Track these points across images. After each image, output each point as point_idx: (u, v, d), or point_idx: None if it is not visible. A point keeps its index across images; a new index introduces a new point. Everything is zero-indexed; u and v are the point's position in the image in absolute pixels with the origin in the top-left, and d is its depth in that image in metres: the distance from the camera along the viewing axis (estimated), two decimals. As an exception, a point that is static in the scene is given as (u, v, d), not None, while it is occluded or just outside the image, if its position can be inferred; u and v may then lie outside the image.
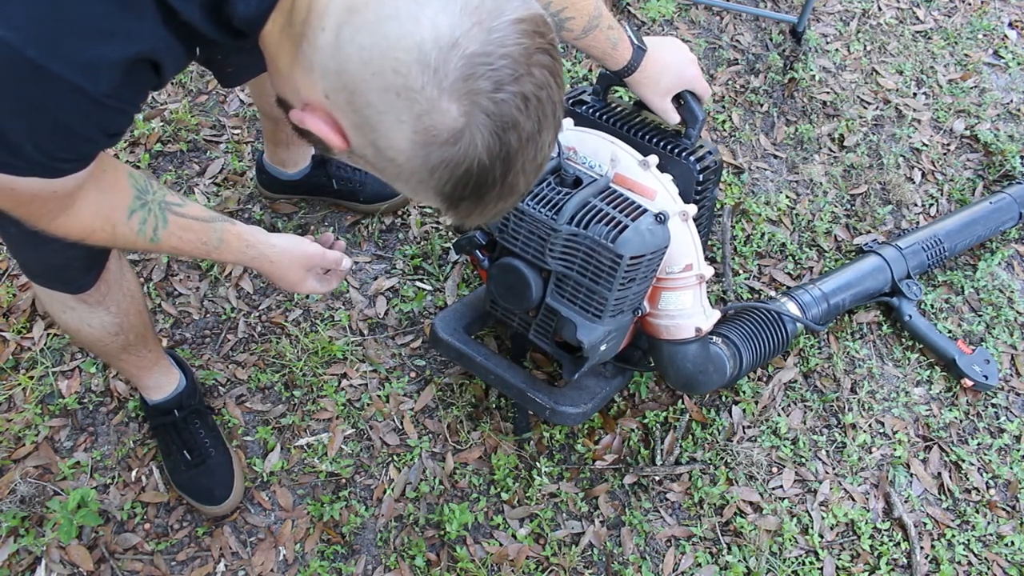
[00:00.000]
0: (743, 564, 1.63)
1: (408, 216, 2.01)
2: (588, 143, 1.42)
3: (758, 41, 2.41)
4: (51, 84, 0.73)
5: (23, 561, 1.57)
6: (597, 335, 1.39)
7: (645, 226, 1.30)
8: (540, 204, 1.34)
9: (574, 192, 1.34)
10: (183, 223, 1.08)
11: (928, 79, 2.40)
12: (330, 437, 1.72)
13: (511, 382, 1.58)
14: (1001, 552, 1.69)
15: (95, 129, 0.81)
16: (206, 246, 1.12)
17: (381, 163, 0.77)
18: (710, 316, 1.49)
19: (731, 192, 2.11)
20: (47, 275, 1.26)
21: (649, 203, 1.35)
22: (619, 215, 1.30)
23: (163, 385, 1.61)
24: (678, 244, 1.38)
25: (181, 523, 1.63)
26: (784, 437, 1.78)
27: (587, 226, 1.30)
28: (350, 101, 0.73)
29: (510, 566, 1.60)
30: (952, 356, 1.86)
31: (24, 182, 0.82)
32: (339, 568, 1.59)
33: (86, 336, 1.38)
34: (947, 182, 2.20)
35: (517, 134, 0.73)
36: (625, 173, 1.38)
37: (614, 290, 1.32)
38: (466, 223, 0.83)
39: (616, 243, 1.28)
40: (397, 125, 0.71)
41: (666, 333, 1.49)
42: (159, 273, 1.89)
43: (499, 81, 0.70)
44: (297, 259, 1.25)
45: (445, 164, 0.73)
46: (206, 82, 2.20)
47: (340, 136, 0.76)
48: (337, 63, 0.72)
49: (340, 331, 1.85)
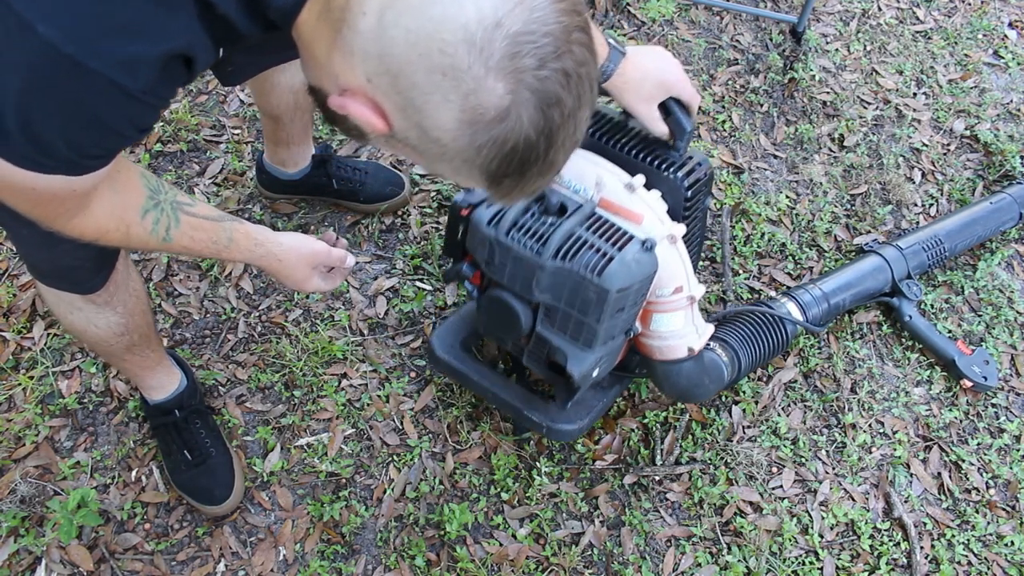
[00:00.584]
0: (743, 564, 1.63)
1: (408, 216, 2.01)
2: (572, 166, 1.35)
3: (758, 41, 2.41)
4: (89, 80, 0.73)
5: (23, 561, 1.57)
6: (588, 364, 1.39)
7: (631, 256, 1.27)
8: (525, 235, 1.30)
9: (559, 222, 1.30)
10: (194, 223, 1.09)
11: (928, 79, 2.40)
12: (330, 437, 1.72)
13: (508, 401, 1.59)
14: (1001, 552, 1.69)
15: (128, 124, 0.82)
16: (216, 245, 1.13)
17: (425, 144, 0.77)
18: (703, 334, 1.48)
19: (731, 192, 2.11)
20: (58, 276, 1.26)
21: (636, 228, 1.32)
22: (605, 245, 1.27)
23: (165, 385, 1.61)
24: (667, 267, 1.36)
25: (181, 523, 1.63)
26: (784, 437, 1.78)
27: (572, 259, 1.27)
28: (394, 83, 0.73)
29: (510, 566, 1.60)
30: (952, 357, 1.86)
31: (47, 180, 0.83)
32: (339, 568, 1.59)
33: (92, 336, 1.38)
34: (947, 182, 2.20)
35: (560, 110, 0.74)
36: (611, 197, 1.34)
37: (603, 321, 1.31)
38: (508, 200, 0.84)
39: (602, 277, 1.25)
40: (444, 105, 0.72)
41: (658, 354, 1.49)
42: (159, 273, 1.89)
43: (543, 59, 0.71)
44: (304, 257, 1.26)
45: (492, 142, 0.74)
46: (206, 82, 2.20)
47: (382, 119, 0.77)
48: (380, 46, 0.72)
49: (340, 331, 1.85)
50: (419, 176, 2.07)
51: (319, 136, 2.11)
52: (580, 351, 1.38)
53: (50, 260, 1.22)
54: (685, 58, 2.34)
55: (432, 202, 2.04)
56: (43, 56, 0.71)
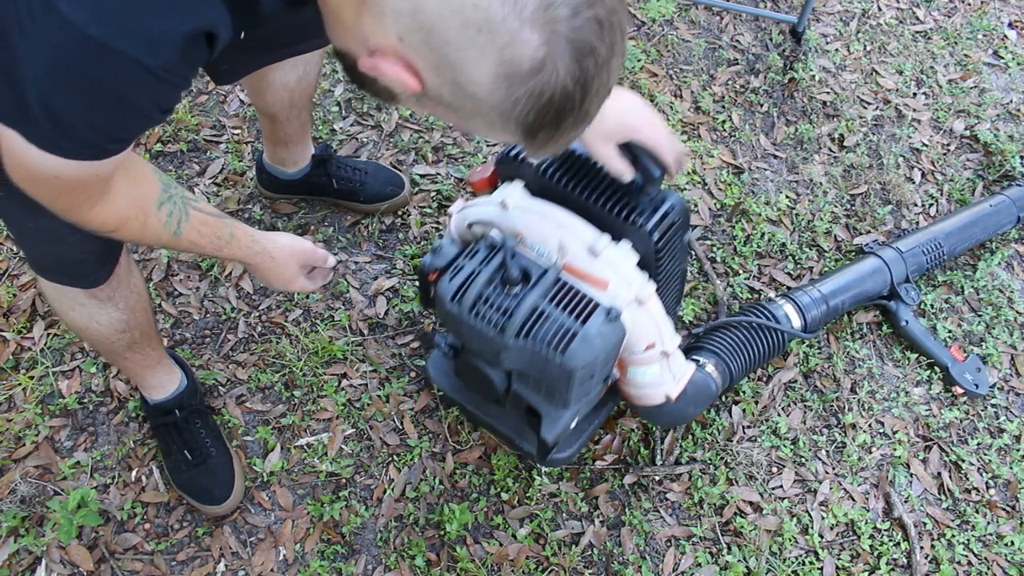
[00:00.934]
0: (743, 564, 1.63)
1: (408, 216, 2.01)
2: (535, 229, 1.33)
3: (758, 41, 2.41)
4: (115, 60, 0.74)
5: (23, 561, 1.57)
6: (562, 423, 1.39)
7: (595, 330, 1.24)
8: (490, 309, 1.28)
9: (523, 293, 1.28)
10: (201, 218, 1.11)
11: (928, 79, 2.40)
12: (330, 437, 1.72)
13: (500, 430, 1.60)
14: (1001, 552, 1.69)
15: (152, 104, 0.82)
16: (219, 240, 1.15)
17: (460, 100, 0.77)
18: (681, 379, 1.48)
19: (731, 192, 2.11)
20: (61, 270, 1.26)
21: (601, 295, 1.29)
22: (568, 320, 1.25)
23: (165, 384, 1.61)
24: (637, 328, 1.34)
25: (181, 523, 1.63)
26: (784, 437, 1.78)
27: (535, 337, 1.26)
28: (427, 41, 0.73)
29: (510, 566, 1.60)
30: (945, 363, 1.86)
31: (70, 167, 0.83)
32: (339, 568, 1.59)
33: (94, 333, 1.38)
34: (947, 182, 2.20)
35: (594, 59, 0.74)
36: (574, 263, 1.31)
37: (573, 390, 1.31)
38: (541, 153, 0.84)
39: (565, 355, 1.24)
40: (479, 60, 0.72)
41: (637, 400, 1.50)
42: (159, 273, 1.89)
43: (575, 8, 0.71)
44: (296, 254, 1.28)
45: (528, 94, 0.74)
46: (206, 82, 2.20)
47: (415, 78, 0.77)
48: (412, 4, 0.72)
49: (340, 331, 1.85)
50: (419, 176, 2.07)
51: (319, 136, 2.11)
52: (555, 410, 1.38)
53: (55, 254, 1.22)
54: (685, 58, 2.34)
55: (432, 202, 2.04)
56: (67, 37, 0.72)
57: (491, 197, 1.40)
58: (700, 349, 1.69)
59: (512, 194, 1.37)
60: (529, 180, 1.40)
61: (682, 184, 2.10)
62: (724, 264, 2.00)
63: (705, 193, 2.10)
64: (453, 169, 2.09)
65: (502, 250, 1.31)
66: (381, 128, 2.14)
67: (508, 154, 1.41)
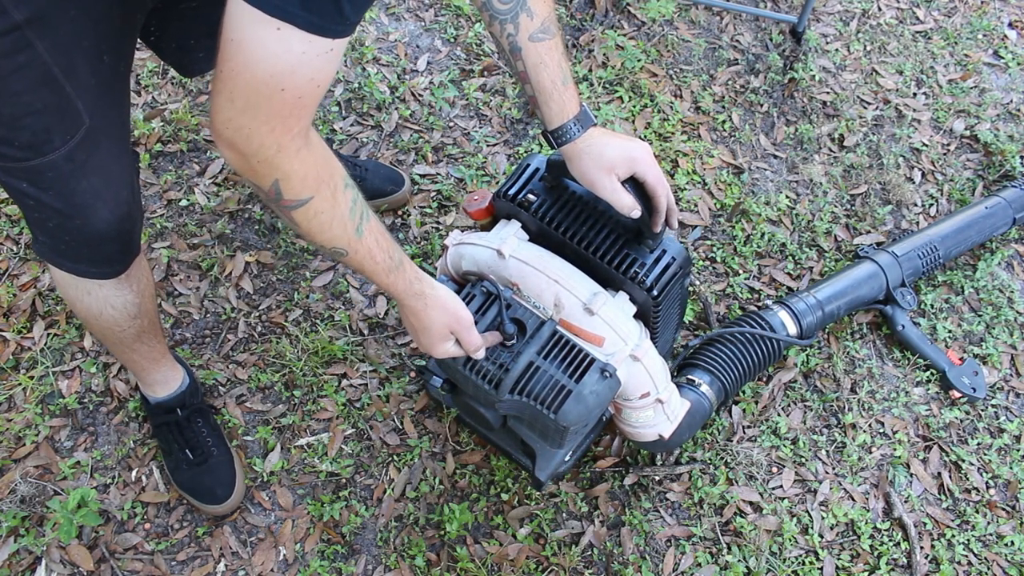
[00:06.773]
0: (743, 564, 1.63)
1: (408, 216, 2.01)
2: (531, 282, 1.33)
3: (758, 41, 2.41)
4: None
5: (23, 561, 1.57)
6: (555, 462, 1.41)
7: (589, 389, 1.25)
8: (485, 361, 1.28)
9: (519, 348, 1.28)
10: (380, 227, 1.05)
11: (928, 79, 2.40)
12: (330, 437, 1.72)
13: (499, 444, 1.62)
14: (1001, 552, 1.69)
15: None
16: (391, 261, 1.08)
17: None
18: (675, 419, 1.48)
19: (731, 192, 2.11)
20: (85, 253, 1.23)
21: (597, 350, 1.29)
22: (563, 377, 1.26)
23: (169, 381, 1.61)
24: (632, 381, 1.34)
25: (181, 523, 1.63)
26: (784, 437, 1.78)
27: (530, 394, 1.26)
28: None
29: (510, 566, 1.60)
30: (942, 367, 1.86)
31: (304, 63, 0.81)
32: (339, 568, 1.59)
33: (106, 320, 1.36)
34: (947, 182, 2.20)
35: None
36: (570, 320, 1.30)
37: (567, 439, 1.32)
38: None
39: (559, 414, 1.24)
40: None
41: (631, 436, 1.52)
42: (159, 273, 1.89)
43: None
44: (450, 314, 1.21)
45: None
46: (206, 82, 2.20)
47: None
48: None
49: (340, 331, 1.85)
50: (419, 176, 2.07)
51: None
52: (549, 449, 1.40)
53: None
54: (685, 58, 2.34)
55: (432, 202, 2.04)
56: None
57: (488, 238, 1.38)
58: (694, 367, 1.69)
59: (509, 241, 1.35)
60: (526, 222, 1.38)
61: (682, 184, 2.10)
62: (724, 264, 2.00)
63: (705, 193, 2.10)
64: (453, 169, 2.09)
65: (498, 302, 1.30)
66: (381, 128, 2.14)
67: (505, 192, 1.38)
